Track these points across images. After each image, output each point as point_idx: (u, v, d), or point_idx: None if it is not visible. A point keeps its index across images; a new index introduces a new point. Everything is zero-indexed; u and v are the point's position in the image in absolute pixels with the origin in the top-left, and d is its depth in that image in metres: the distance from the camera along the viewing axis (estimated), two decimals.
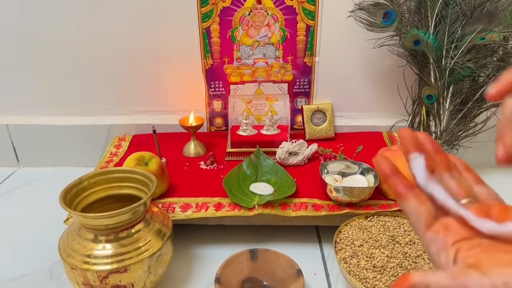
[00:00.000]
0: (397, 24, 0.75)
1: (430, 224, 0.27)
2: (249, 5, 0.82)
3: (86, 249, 0.50)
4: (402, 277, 0.24)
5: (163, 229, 0.55)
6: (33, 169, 0.94)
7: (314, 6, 0.82)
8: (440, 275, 0.23)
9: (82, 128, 0.92)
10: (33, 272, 0.63)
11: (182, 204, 0.67)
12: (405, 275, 0.24)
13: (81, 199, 0.56)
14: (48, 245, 0.65)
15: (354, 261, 0.55)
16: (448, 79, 0.76)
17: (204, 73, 0.89)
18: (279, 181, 0.72)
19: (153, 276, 0.53)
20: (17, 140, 0.94)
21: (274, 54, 0.87)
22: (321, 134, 0.91)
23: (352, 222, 0.62)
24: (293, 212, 0.65)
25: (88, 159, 0.93)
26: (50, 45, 0.87)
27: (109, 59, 0.88)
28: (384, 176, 0.29)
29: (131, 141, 0.90)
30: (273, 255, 0.61)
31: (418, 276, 0.24)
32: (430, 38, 0.73)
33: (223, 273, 0.57)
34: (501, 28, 0.70)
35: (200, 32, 0.85)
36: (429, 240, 0.26)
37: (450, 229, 0.26)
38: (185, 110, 0.91)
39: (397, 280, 0.25)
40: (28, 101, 0.93)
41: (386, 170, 0.29)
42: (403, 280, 0.24)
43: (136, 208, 0.50)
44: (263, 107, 0.91)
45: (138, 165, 0.66)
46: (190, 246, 0.68)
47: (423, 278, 0.23)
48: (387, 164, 0.29)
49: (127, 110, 0.94)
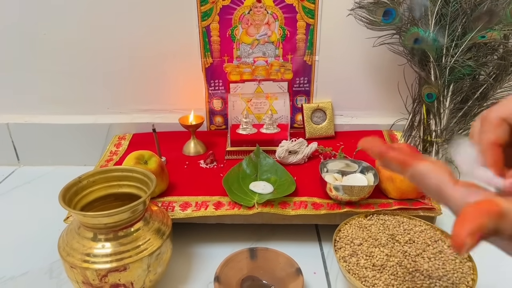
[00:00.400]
0: (397, 22, 0.75)
1: (456, 181, 0.25)
2: (249, 3, 0.82)
3: (85, 248, 0.50)
4: (482, 203, 0.21)
5: (162, 228, 0.56)
6: (33, 168, 0.94)
7: (314, 5, 0.82)
8: None
9: (82, 127, 0.92)
10: (33, 271, 0.63)
11: (181, 203, 0.67)
12: (485, 200, 0.21)
13: (80, 198, 0.56)
14: (48, 244, 0.65)
15: (354, 260, 0.55)
16: (448, 77, 0.75)
17: (204, 71, 0.88)
18: (279, 179, 0.72)
19: (152, 274, 0.53)
20: (17, 139, 0.94)
21: (274, 52, 0.87)
22: (321, 133, 0.91)
23: (351, 220, 0.62)
24: (293, 210, 0.65)
25: (88, 158, 0.93)
26: (50, 43, 0.87)
27: (109, 58, 0.88)
28: (382, 153, 0.28)
29: (131, 140, 0.90)
30: (272, 253, 0.61)
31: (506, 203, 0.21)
32: (430, 37, 0.73)
33: (223, 272, 0.57)
34: (501, 26, 0.70)
35: (200, 30, 0.85)
36: (462, 194, 0.24)
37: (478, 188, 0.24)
38: (185, 108, 0.91)
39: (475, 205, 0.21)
40: (28, 100, 0.93)
41: (381, 148, 0.28)
42: (487, 204, 0.21)
43: (135, 206, 0.50)
44: (263, 106, 0.91)
45: (137, 163, 0.66)
46: (189, 244, 0.68)
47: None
48: (379, 143, 0.28)
49: (127, 109, 0.94)
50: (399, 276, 0.51)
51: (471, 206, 0.22)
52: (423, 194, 0.66)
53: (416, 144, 0.83)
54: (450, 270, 0.52)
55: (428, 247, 0.56)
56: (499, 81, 0.76)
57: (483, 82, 0.77)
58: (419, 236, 0.58)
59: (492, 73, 0.76)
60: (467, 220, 0.21)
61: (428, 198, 0.66)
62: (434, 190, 0.26)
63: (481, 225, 0.20)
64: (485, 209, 0.21)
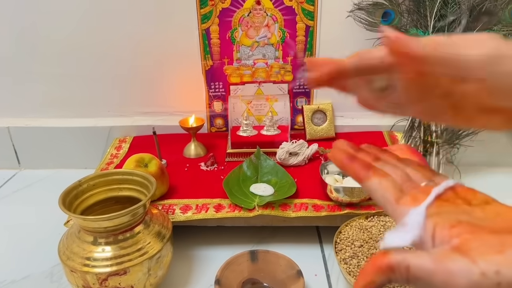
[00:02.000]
0: (396, 24, 0.75)
1: (399, 197, 0.25)
2: (248, 6, 0.82)
3: (85, 252, 0.50)
4: (378, 256, 0.22)
5: (162, 231, 0.55)
6: (34, 171, 0.95)
7: (313, 7, 0.82)
8: (422, 257, 0.21)
9: (82, 130, 0.92)
10: (34, 275, 0.63)
11: (182, 206, 0.67)
12: (381, 253, 0.22)
13: (80, 202, 0.56)
14: (48, 248, 0.65)
15: (355, 262, 0.55)
16: None
17: (204, 74, 0.89)
18: (280, 181, 0.71)
19: (153, 278, 0.53)
20: (18, 142, 0.94)
21: (273, 54, 0.87)
22: (322, 134, 0.91)
23: (352, 222, 0.62)
24: (293, 212, 0.65)
25: (88, 161, 0.93)
26: (50, 47, 0.87)
27: (109, 61, 0.89)
28: (342, 166, 0.28)
29: (132, 142, 0.90)
30: (273, 256, 0.61)
31: (397, 255, 0.21)
32: None
33: (223, 275, 0.57)
34: (500, 27, 0.70)
35: (200, 33, 0.85)
36: (400, 214, 0.24)
37: (420, 201, 0.24)
38: (185, 111, 0.91)
39: (372, 258, 0.22)
40: (29, 104, 0.93)
41: (342, 160, 0.28)
42: (379, 258, 0.22)
43: (135, 210, 0.50)
44: (263, 108, 0.91)
45: (137, 167, 0.66)
46: (190, 247, 0.68)
47: (403, 259, 0.21)
48: (342, 154, 0.28)
49: (128, 112, 0.94)
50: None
51: (367, 262, 0.24)
52: None
53: (416, 145, 0.83)
54: None
55: None
56: None
57: None
58: None
59: None
60: (361, 276, 0.22)
61: None
62: (381, 206, 0.27)
63: (370, 282, 0.22)
64: (376, 265, 0.22)
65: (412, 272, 0.21)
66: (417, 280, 0.21)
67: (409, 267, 0.21)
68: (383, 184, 0.26)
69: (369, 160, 0.28)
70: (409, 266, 0.21)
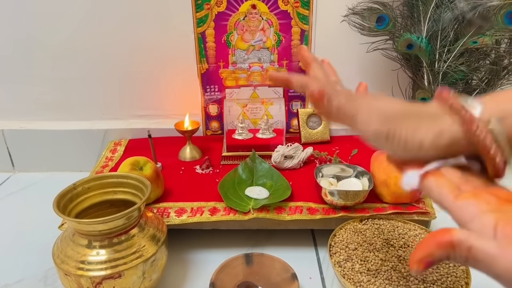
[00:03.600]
0: (390, 28, 0.76)
1: (457, 194, 0.26)
2: (244, 10, 0.83)
3: (80, 255, 0.50)
4: (441, 231, 0.22)
5: (157, 234, 0.55)
6: (28, 174, 0.94)
7: (308, 11, 0.83)
8: (486, 241, 0.21)
9: (77, 132, 0.92)
10: (28, 278, 0.63)
11: (177, 209, 0.67)
12: (444, 229, 0.22)
13: (75, 205, 0.56)
14: (42, 251, 0.64)
15: (349, 265, 0.55)
16: (441, 82, 0.76)
17: (199, 77, 0.89)
18: (275, 184, 0.72)
19: (147, 281, 0.53)
20: (12, 145, 0.94)
21: (269, 58, 0.88)
22: (317, 138, 0.91)
23: (347, 225, 0.62)
24: (288, 216, 0.65)
25: (84, 163, 0.93)
26: (46, 50, 0.87)
27: (104, 64, 0.89)
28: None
29: (127, 145, 0.90)
30: (268, 259, 0.61)
31: (461, 234, 0.22)
32: (423, 42, 0.74)
33: (218, 278, 0.57)
34: (493, 32, 0.71)
35: (195, 36, 0.85)
36: (460, 208, 0.25)
37: (480, 197, 0.25)
38: (181, 114, 0.91)
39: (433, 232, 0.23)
40: (23, 106, 0.93)
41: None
42: (441, 234, 0.22)
43: (130, 213, 0.50)
44: (258, 111, 0.91)
45: (132, 170, 0.66)
46: (185, 251, 0.68)
47: (466, 238, 0.22)
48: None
49: (123, 115, 0.94)
50: (394, 280, 0.52)
51: (429, 234, 0.24)
52: (418, 198, 0.67)
53: None
54: (444, 274, 0.52)
55: None
56: (492, 85, 0.77)
57: (476, 87, 0.78)
58: (414, 240, 0.58)
59: (485, 78, 0.77)
60: (420, 247, 0.23)
61: (423, 202, 0.67)
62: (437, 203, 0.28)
63: (429, 254, 0.23)
64: (438, 240, 0.22)
65: (474, 253, 0.21)
66: (476, 262, 0.22)
67: (471, 248, 0.21)
68: (440, 182, 0.27)
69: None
70: (472, 247, 0.21)
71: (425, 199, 0.67)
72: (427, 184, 0.28)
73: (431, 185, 0.27)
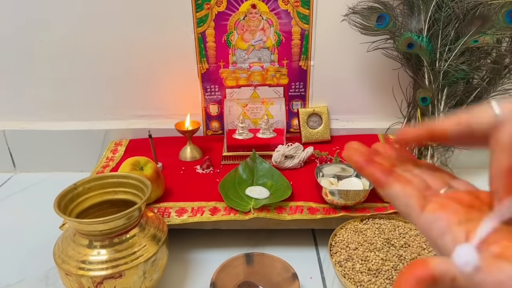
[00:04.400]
0: (391, 27, 0.76)
1: (423, 204, 0.24)
2: (244, 9, 0.83)
3: (80, 255, 0.50)
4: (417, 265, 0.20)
5: (158, 234, 0.56)
6: (29, 175, 0.94)
7: (309, 10, 0.83)
8: None
9: (78, 133, 0.92)
10: (29, 278, 0.63)
11: (177, 209, 0.67)
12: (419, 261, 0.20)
13: (76, 205, 0.56)
14: (44, 251, 0.64)
15: (349, 264, 0.55)
16: (442, 81, 0.76)
17: (199, 77, 0.89)
18: (275, 184, 0.72)
19: (148, 281, 0.53)
20: (13, 145, 0.94)
21: (269, 58, 0.88)
22: (317, 137, 0.91)
23: (347, 225, 0.62)
24: (289, 215, 0.65)
25: (84, 164, 0.93)
26: (46, 50, 0.87)
27: (105, 64, 0.89)
28: (359, 167, 0.27)
29: (128, 145, 0.90)
30: (268, 259, 0.61)
31: (441, 264, 0.20)
32: (424, 41, 0.73)
33: (219, 278, 0.57)
34: (494, 31, 0.71)
35: (196, 36, 0.85)
36: (427, 222, 0.23)
37: (448, 208, 0.23)
38: (181, 114, 0.91)
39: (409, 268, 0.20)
40: (25, 107, 0.93)
41: (359, 162, 0.26)
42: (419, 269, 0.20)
43: (130, 213, 0.50)
44: (259, 111, 0.91)
45: (133, 170, 0.66)
46: (185, 250, 0.68)
47: (447, 268, 0.20)
48: (359, 155, 0.27)
49: (124, 115, 0.94)
50: (395, 280, 0.51)
51: (404, 270, 0.21)
52: None
53: (411, 148, 0.83)
54: None
55: (423, 250, 0.56)
56: (493, 84, 0.77)
57: (477, 86, 0.77)
58: (414, 240, 0.58)
59: (486, 76, 0.77)
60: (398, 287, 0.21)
61: None
62: (403, 213, 0.26)
63: None
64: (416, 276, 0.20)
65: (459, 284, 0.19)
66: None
67: (455, 279, 0.19)
68: (406, 191, 0.24)
69: (388, 165, 0.27)
70: (455, 277, 0.19)
71: None
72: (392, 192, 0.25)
73: (397, 194, 0.25)
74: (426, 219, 0.23)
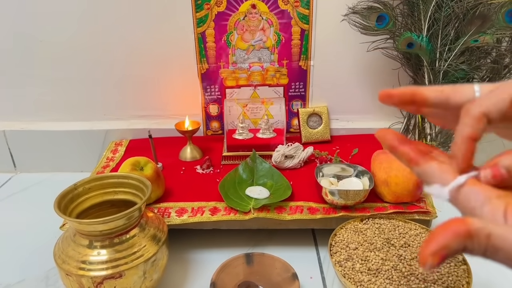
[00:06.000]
0: (391, 27, 0.76)
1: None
2: (244, 9, 0.83)
3: (81, 255, 0.50)
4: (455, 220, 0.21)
5: (158, 234, 0.56)
6: (30, 175, 0.94)
7: (308, 10, 0.83)
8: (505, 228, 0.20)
9: (79, 133, 0.92)
10: (29, 279, 0.63)
11: (177, 209, 0.67)
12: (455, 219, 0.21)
13: (76, 205, 0.56)
14: (44, 251, 0.65)
15: (349, 264, 0.55)
16: (442, 81, 0.76)
17: (199, 77, 0.89)
18: (275, 184, 0.72)
19: (148, 281, 0.53)
20: (14, 146, 0.94)
21: (269, 58, 0.88)
22: (317, 137, 0.91)
23: (347, 225, 0.62)
24: (289, 215, 0.65)
25: (85, 164, 0.93)
26: (46, 51, 0.87)
27: (105, 64, 0.89)
28: (393, 146, 0.28)
29: (128, 146, 0.90)
30: (268, 259, 0.61)
31: (478, 222, 0.21)
32: (423, 41, 0.73)
33: (219, 278, 0.57)
34: (494, 30, 0.71)
35: (196, 36, 0.85)
36: (466, 195, 0.24)
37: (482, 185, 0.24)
38: (181, 114, 0.91)
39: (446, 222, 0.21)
40: (25, 107, 0.93)
41: (394, 141, 0.28)
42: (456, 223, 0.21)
43: (130, 213, 0.51)
44: (259, 111, 0.91)
45: (133, 170, 0.66)
46: (185, 250, 0.68)
47: (484, 225, 0.20)
48: (393, 135, 0.28)
49: (124, 115, 0.95)
50: (394, 280, 0.51)
51: (440, 225, 0.22)
52: (419, 197, 0.67)
53: None
54: (445, 274, 0.52)
55: None
56: None
57: None
58: (414, 239, 0.58)
59: (486, 76, 0.77)
60: (433, 239, 0.21)
61: (423, 201, 0.67)
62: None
63: (444, 246, 0.21)
64: (453, 230, 0.21)
65: (493, 241, 0.20)
66: (496, 251, 0.20)
67: (490, 236, 0.20)
68: (443, 167, 0.26)
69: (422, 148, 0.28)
70: (491, 234, 0.20)
71: (426, 198, 0.67)
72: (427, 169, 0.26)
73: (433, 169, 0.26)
74: (465, 192, 0.24)
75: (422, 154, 0.27)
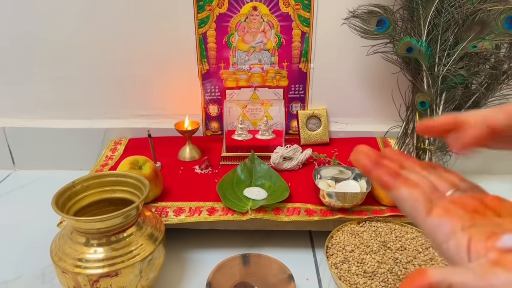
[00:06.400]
0: (391, 32, 0.76)
1: (429, 208, 0.24)
2: (245, 11, 0.83)
3: (77, 253, 0.51)
4: (416, 274, 0.21)
5: (155, 233, 0.56)
6: (28, 172, 0.95)
7: (309, 13, 0.83)
8: (464, 274, 0.20)
9: (78, 131, 0.93)
10: (26, 275, 0.63)
11: (175, 208, 0.67)
12: (418, 271, 0.21)
13: (74, 203, 0.57)
14: (41, 248, 0.65)
15: (345, 267, 0.55)
16: (440, 86, 0.76)
17: (200, 78, 0.89)
18: (273, 186, 0.72)
19: (144, 280, 0.53)
20: (13, 143, 0.94)
21: (269, 60, 0.88)
22: (316, 139, 0.91)
23: (344, 227, 0.63)
24: (286, 217, 0.65)
25: (84, 162, 0.93)
26: (47, 48, 0.87)
27: (106, 63, 0.89)
28: (367, 170, 0.27)
29: (127, 144, 0.90)
30: (265, 260, 0.61)
31: (438, 274, 0.20)
32: (423, 46, 0.74)
33: (215, 278, 0.57)
34: (493, 36, 0.71)
35: (197, 37, 0.85)
36: (433, 226, 0.23)
37: (452, 213, 0.23)
38: (181, 114, 0.92)
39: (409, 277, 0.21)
40: (24, 104, 0.94)
41: (367, 165, 0.27)
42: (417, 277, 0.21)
43: (128, 212, 0.51)
44: (258, 112, 0.92)
45: (132, 169, 0.66)
46: (182, 250, 0.68)
47: (444, 277, 0.20)
48: (367, 158, 0.27)
49: (124, 114, 0.95)
50: (390, 283, 0.52)
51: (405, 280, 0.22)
52: None
53: (409, 151, 0.83)
54: None
55: (419, 254, 0.56)
56: (491, 90, 0.77)
57: (475, 91, 0.78)
58: (411, 243, 0.59)
59: (484, 82, 0.77)
60: None
61: None
62: (409, 216, 0.26)
63: None
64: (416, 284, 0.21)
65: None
66: None
67: (451, 286, 0.20)
68: (414, 195, 0.25)
69: (396, 168, 0.27)
70: (452, 284, 0.20)
71: None
72: (399, 196, 0.25)
73: (405, 197, 0.25)
74: (431, 224, 0.24)
75: (394, 177, 0.26)
